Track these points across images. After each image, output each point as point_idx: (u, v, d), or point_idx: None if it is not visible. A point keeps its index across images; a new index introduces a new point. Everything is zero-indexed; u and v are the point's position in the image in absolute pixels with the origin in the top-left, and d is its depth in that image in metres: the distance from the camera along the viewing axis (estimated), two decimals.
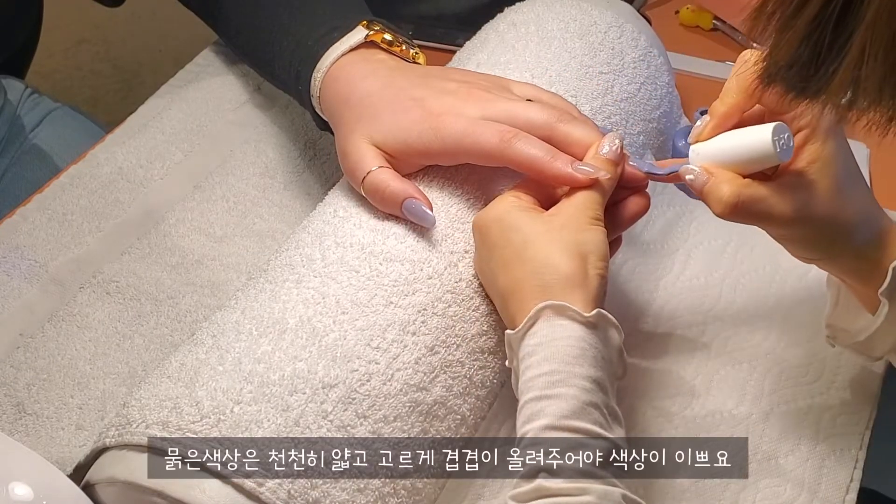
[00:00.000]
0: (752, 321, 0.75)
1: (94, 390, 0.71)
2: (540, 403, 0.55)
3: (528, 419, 0.55)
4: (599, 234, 0.60)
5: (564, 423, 0.54)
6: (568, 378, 0.55)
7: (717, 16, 1.04)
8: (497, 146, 0.63)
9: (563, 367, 0.56)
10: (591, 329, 0.57)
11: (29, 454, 0.56)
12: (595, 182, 0.61)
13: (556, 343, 0.56)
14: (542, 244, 0.59)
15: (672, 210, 0.83)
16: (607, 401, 0.56)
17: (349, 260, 0.63)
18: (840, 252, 0.61)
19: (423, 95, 0.66)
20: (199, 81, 0.94)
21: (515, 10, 0.83)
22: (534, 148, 0.62)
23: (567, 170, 0.61)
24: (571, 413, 0.54)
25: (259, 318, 0.61)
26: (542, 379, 0.56)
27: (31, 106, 1.06)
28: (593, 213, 0.61)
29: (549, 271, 0.58)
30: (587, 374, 0.56)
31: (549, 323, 0.57)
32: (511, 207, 0.62)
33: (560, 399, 0.55)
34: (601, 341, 0.58)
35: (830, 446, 0.68)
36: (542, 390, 0.55)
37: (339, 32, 0.71)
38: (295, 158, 0.88)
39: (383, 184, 0.65)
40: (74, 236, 0.81)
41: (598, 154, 0.63)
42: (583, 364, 0.56)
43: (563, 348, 0.56)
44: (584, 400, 0.55)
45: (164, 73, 0.96)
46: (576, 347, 0.56)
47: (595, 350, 0.57)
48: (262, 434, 0.56)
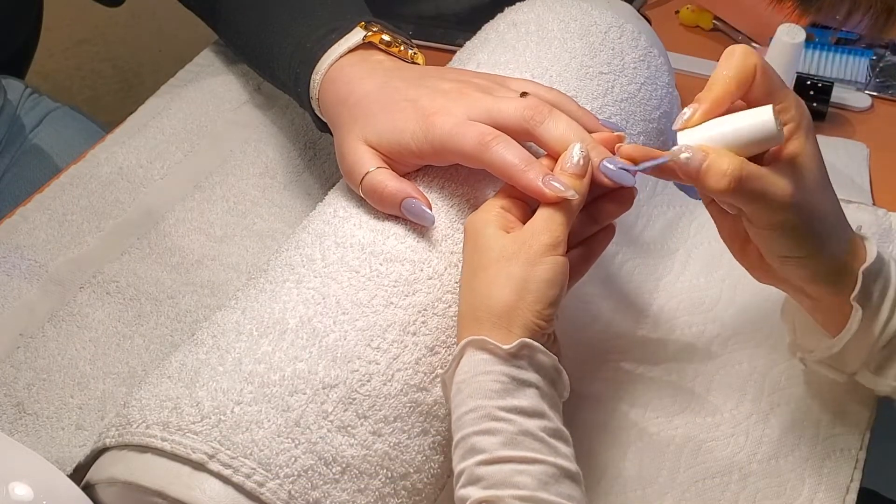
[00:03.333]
0: (752, 321, 0.75)
1: (94, 390, 0.71)
2: (472, 440, 0.55)
3: (463, 457, 0.55)
4: (549, 270, 0.58)
5: (498, 454, 0.54)
6: (493, 412, 0.55)
7: (717, 16, 1.04)
8: (475, 149, 0.62)
9: (487, 401, 0.56)
10: (510, 360, 0.57)
11: (29, 454, 0.56)
12: (563, 200, 0.60)
13: (477, 379, 0.56)
14: (487, 275, 0.58)
15: (672, 210, 0.83)
16: (544, 424, 0.56)
17: (349, 260, 0.63)
18: (819, 251, 0.60)
19: (417, 96, 0.66)
20: (199, 81, 0.94)
21: (515, 10, 0.83)
22: (510, 154, 0.61)
23: (537, 183, 0.60)
24: (503, 445, 0.54)
25: (259, 318, 0.61)
26: (469, 416, 0.56)
27: (31, 106, 1.06)
28: (550, 241, 0.59)
29: (482, 305, 0.58)
30: (512, 406, 0.55)
31: (471, 359, 0.57)
32: (489, 222, 0.60)
33: (489, 434, 0.55)
34: (525, 370, 0.57)
35: (830, 446, 0.68)
36: (472, 426, 0.55)
37: (338, 34, 0.71)
38: (295, 158, 0.88)
39: (381, 184, 0.65)
40: (74, 236, 0.81)
41: (563, 168, 0.61)
42: (505, 397, 0.56)
43: (485, 383, 0.56)
44: (513, 431, 0.55)
45: (164, 73, 0.96)
46: (496, 382, 0.56)
47: (517, 381, 0.56)
48: (262, 434, 0.56)
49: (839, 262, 0.61)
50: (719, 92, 0.59)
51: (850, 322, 0.62)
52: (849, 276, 0.61)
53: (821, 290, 0.62)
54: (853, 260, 0.62)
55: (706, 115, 0.59)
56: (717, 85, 0.59)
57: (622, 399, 0.70)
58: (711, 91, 0.59)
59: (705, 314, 0.76)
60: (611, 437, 0.68)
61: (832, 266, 0.61)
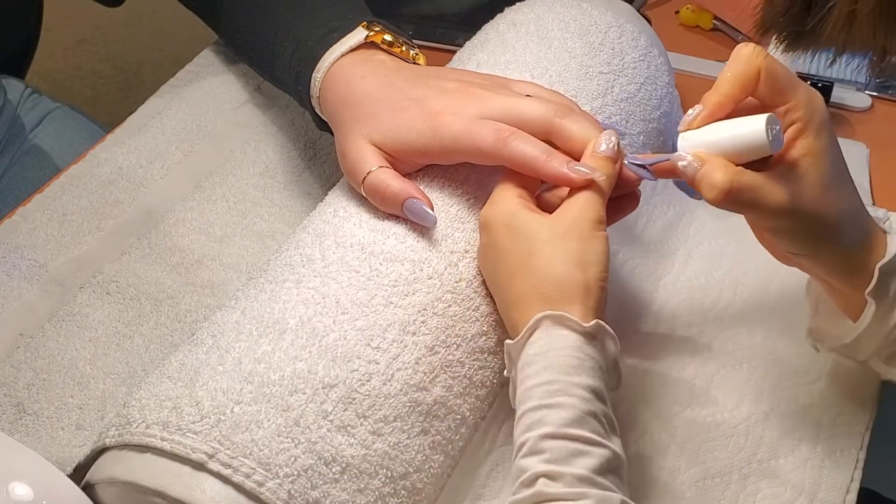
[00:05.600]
0: (752, 321, 0.75)
1: (94, 390, 0.71)
2: (540, 412, 0.55)
3: (528, 428, 0.56)
4: (602, 243, 0.60)
5: (564, 431, 0.54)
6: (567, 388, 0.56)
7: (717, 16, 1.04)
8: (493, 145, 0.63)
9: (562, 376, 0.56)
10: (588, 339, 0.58)
11: (29, 454, 0.56)
12: (591, 182, 0.61)
13: (554, 353, 0.57)
14: (545, 254, 0.59)
15: (672, 210, 0.83)
16: (605, 410, 0.57)
17: (349, 260, 0.63)
18: (826, 249, 0.61)
19: (421, 95, 0.66)
20: (199, 81, 0.94)
21: (515, 10, 0.83)
22: (530, 147, 0.62)
23: (563, 170, 0.61)
24: (571, 422, 0.55)
25: (259, 318, 0.61)
26: (541, 388, 0.56)
27: (31, 106, 1.06)
28: (595, 217, 0.61)
29: (550, 282, 0.59)
30: (586, 384, 0.56)
31: (548, 333, 0.58)
32: (518, 209, 0.62)
33: (559, 408, 0.55)
34: (598, 352, 0.58)
35: (830, 447, 0.67)
36: (542, 399, 0.56)
37: (339, 33, 0.71)
38: (295, 158, 0.88)
39: (383, 184, 0.65)
40: (74, 236, 0.81)
41: (594, 153, 0.62)
42: (581, 374, 0.56)
43: (561, 358, 0.57)
44: (583, 409, 0.55)
45: (164, 73, 0.96)
46: (574, 357, 0.57)
47: (593, 360, 0.57)
48: (262, 434, 0.56)
49: (854, 258, 0.61)
50: (722, 94, 0.59)
51: (863, 315, 0.62)
52: (865, 270, 0.61)
53: (835, 281, 0.62)
54: (870, 255, 0.61)
55: (708, 118, 0.60)
56: (720, 87, 0.59)
57: (622, 399, 0.70)
58: (715, 93, 0.59)
59: (705, 314, 0.76)
60: None
61: (846, 261, 0.61)
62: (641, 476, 0.66)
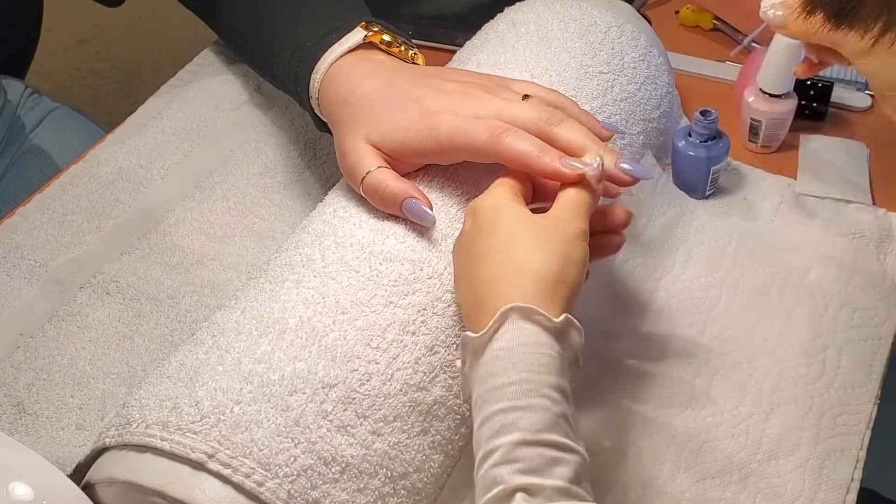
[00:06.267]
0: (752, 321, 0.75)
1: (94, 390, 0.71)
2: (511, 415, 0.53)
3: (498, 432, 0.53)
4: (584, 251, 0.59)
5: (539, 437, 0.52)
6: (538, 388, 0.53)
7: (717, 16, 1.04)
8: (487, 141, 0.63)
9: (533, 375, 0.54)
10: (557, 336, 0.56)
11: (29, 454, 0.56)
12: (583, 180, 0.61)
13: (523, 349, 0.54)
14: (530, 243, 0.58)
15: (672, 210, 0.83)
16: (572, 410, 0.55)
17: (349, 260, 0.63)
18: None
19: (420, 95, 0.66)
20: (199, 81, 0.94)
21: (515, 10, 0.83)
22: (523, 143, 0.62)
23: (555, 165, 0.61)
24: (545, 427, 0.52)
25: (259, 318, 0.61)
26: (511, 388, 0.53)
27: (31, 106, 1.06)
28: (581, 227, 0.60)
29: (529, 274, 0.57)
30: (555, 384, 0.54)
31: (517, 327, 0.55)
32: (508, 202, 0.61)
33: (532, 411, 0.53)
34: (566, 347, 0.56)
35: (831, 446, 0.68)
36: (513, 401, 0.53)
37: (338, 33, 0.71)
38: (295, 158, 0.88)
39: (382, 184, 0.65)
40: (74, 236, 0.81)
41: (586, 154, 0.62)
42: (551, 373, 0.54)
43: (531, 356, 0.54)
44: (556, 412, 0.53)
45: (164, 73, 0.96)
46: (544, 355, 0.54)
47: (561, 357, 0.55)
48: (261, 434, 0.56)
49: None
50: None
51: None
52: None
53: None
54: None
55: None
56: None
57: (622, 399, 0.70)
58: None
59: (705, 314, 0.76)
60: (611, 437, 0.68)
61: None
62: (641, 476, 0.66)
